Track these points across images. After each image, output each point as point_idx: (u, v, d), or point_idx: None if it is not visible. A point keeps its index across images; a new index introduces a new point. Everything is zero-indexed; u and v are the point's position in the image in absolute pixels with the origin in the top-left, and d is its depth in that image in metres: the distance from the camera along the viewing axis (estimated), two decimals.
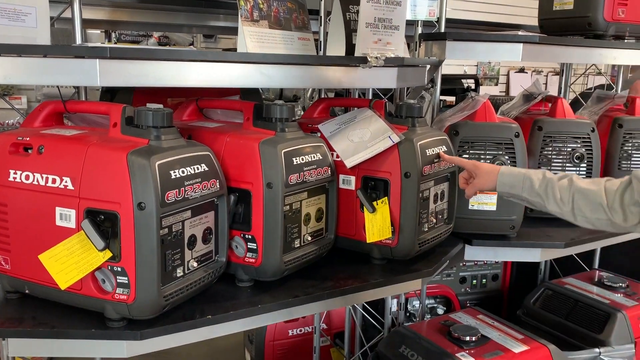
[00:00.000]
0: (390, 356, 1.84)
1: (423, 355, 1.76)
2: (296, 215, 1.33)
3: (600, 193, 1.25)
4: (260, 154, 1.25)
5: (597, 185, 1.27)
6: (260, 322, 1.26)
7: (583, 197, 1.27)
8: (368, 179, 1.49)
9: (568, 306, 2.22)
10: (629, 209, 1.21)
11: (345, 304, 1.41)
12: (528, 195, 1.34)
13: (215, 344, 3.08)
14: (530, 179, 1.34)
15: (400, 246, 1.48)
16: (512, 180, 1.36)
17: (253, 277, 1.33)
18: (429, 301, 2.67)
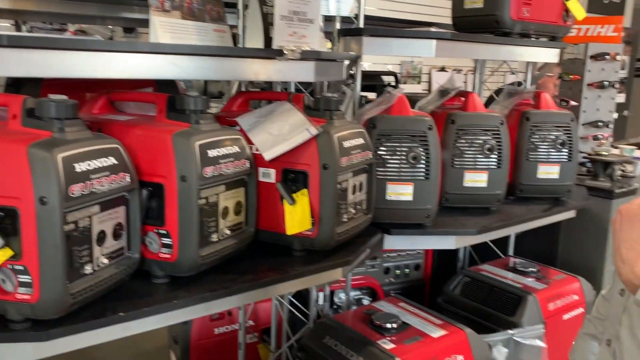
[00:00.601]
0: (315, 347, 1.86)
1: (346, 344, 1.79)
2: (213, 209, 1.31)
3: None
4: (174, 147, 1.23)
5: None
6: (177, 317, 1.24)
7: None
8: (288, 172, 1.49)
9: (484, 291, 2.33)
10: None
11: (266, 296, 1.41)
12: None
13: (141, 346, 3.00)
14: None
15: (320, 237, 1.49)
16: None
17: (169, 273, 1.30)
18: (355, 293, 2.72)
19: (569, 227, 2.63)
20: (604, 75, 2.85)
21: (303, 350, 1.90)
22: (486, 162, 1.97)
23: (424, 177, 1.77)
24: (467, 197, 2.01)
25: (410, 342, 1.78)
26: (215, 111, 1.67)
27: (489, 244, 2.76)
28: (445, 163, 1.97)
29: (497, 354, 2.08)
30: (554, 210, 2.17)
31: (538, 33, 2.18)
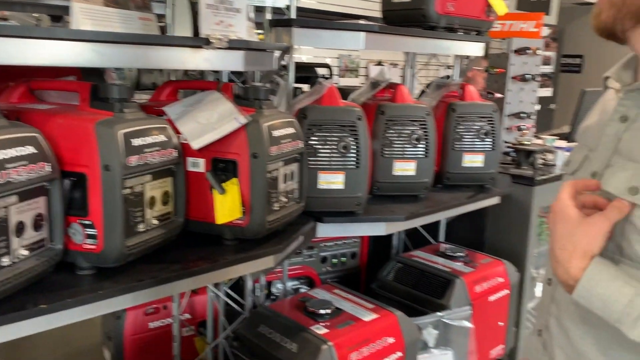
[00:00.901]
0: (250, 336, 1.88)
1: (280, 331, 1.82)
2: (139, 198, 1.30)
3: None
4: (97, 135, 1.21)
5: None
6: (103, 308, 1.23)
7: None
8: (217, 161, 1.50)
9: (415, 276, 2.42)
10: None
11: (195, 285, 1.42)
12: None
13: (74, 345, 2.92)
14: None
15: (251, 226, 1.51)
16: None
17: (94, 264, 1.28)
18: (293, 282, 2.76)
19: (495, 214, 2.77)
20: (526, 68, 3.00)
21: (238, 340, 1.91)
22: (414, 151, 2.05)
23: (354, 166, 1.82)
24: (396, 186, 2.08)
25: (342, 326, 1.83)
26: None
27: (421, 231, 2.86)
28: (376, 153, 2.02)
29: (427, 336, 2.17)
30: (479, 197, 2.28)
31: (463, 27, 2.28)
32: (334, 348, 1.70)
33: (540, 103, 3.34)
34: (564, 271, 0.87)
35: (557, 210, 0.89)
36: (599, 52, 7.23)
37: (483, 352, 2.40)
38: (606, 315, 0.83)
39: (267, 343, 1.80)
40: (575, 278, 0.85)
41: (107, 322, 2.37)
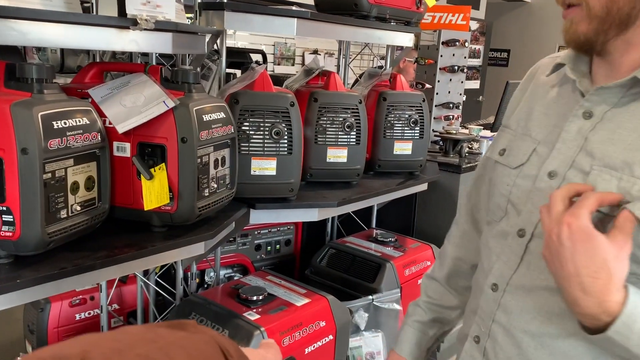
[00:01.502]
0: None
1: (212, 318, 1.81)
2: (60, 184, 1.25)
3: None
4: (12, 117, 1.14)
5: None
6: (23, 298, 1.17)
7: None
8: (144, 145, 1.46)
9: (348, 261, 2.47)
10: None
11: (122, 273, 1.38)
12: None
13: None
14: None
15: (180, 212, 1.48)
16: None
17: (12, 252, 1.22)
18: (227, 271, 2.74)
19: (423, 200, 2.87)
20: (454, 60, 3.11)
21: None
22: (346, 138, 2.08)
23: (287, 152, 1.82)
24: (329, 172, 2.11)
25: (275, 312, 1.85)
26: None
27: (354, 218, 2.92)
28: (309, 139, 2.04)
29: (359, 319, 2.23)
30: (408, 183, 2.35)
31: (394, 17, 2.33)
32: (265, 333, 1.71)
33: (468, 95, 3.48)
34: (596, 303, 0.73)
35: (577, 229, 0.73)
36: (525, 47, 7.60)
37: None
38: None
39: None
40: (613, 314, 0.72)
41: (28, 314, 2.26)
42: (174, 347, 0.47)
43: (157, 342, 0.46)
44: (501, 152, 0.99)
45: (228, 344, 0.51)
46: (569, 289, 0.75)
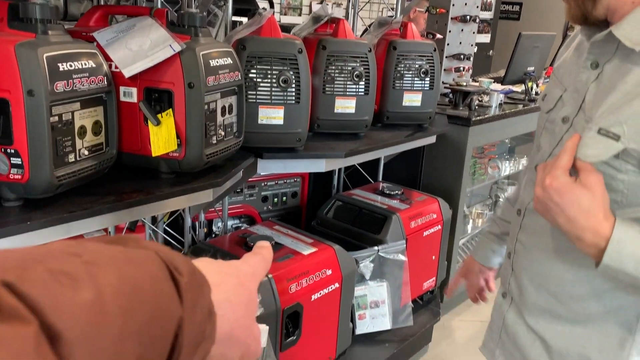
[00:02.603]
0: None
1: None
2: (68, 127, 1.24)
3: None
4: (17, 58, 1.13)
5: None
6: (33, 241, 1.18)
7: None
8: (151, 91, 1.44)
9: (354, 213, 2.48)
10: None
11: (130, 218, 1.39)
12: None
13: None
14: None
15: (187, 159, 1.48)
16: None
17: (22, 195, 1.23)
18: (234, 221, 2.76)
19: (431, 153, 2.85)
20: (466, 9, 3.03)
21: None
22: (355, 88, 2.05)
23: (294, 101, 1.80)
24: (337, 123, 2.09)
25: (282, 260, 1.87)
26: None
27: (361, 171, 2.91)
28: (317, 89, 2.01)
29: (364, 269, 2.25)
30: (416, 135, 2.33)
31: None
32: (273, 280, 1.74)
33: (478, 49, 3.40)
34: (592, 234, 0.84)
35: (559, 185, 0.86)
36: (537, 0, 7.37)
37: (416, 283, 2.53)
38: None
39: None
40: (606, 237, 0.83)
41: None
42: (103, 263, 0.38)
43: (82, 257, 0.38)
44: (542, 98, 1.11)
45: (179, 261, 0.43)
46: (569, 231, 0.87)
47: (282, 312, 1.74)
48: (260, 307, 1.74)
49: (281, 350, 1.80)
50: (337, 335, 2.04)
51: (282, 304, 1.74)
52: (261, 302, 1.78)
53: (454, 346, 2.75)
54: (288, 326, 1.82)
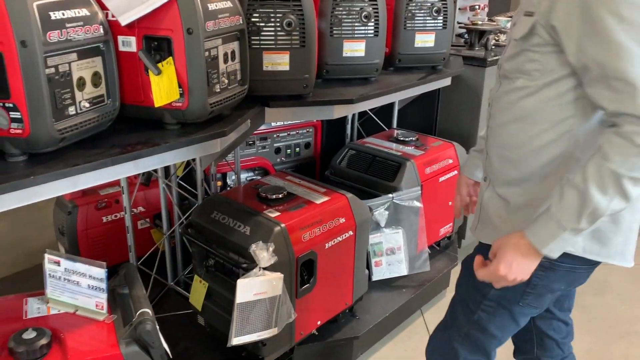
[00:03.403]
0: (202, 222, 1.89)
1: (233, 216, 1.83)
2: (66, 79, 1.22)
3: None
4: (8, 8, 1.09)
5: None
6: (38, 195, 1.18)
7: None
8: (150, 39, 1.40)
9: (367, 162, 2.44)
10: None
11: (137, 170, 1.38)
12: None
13: (29, 245, 2.90)
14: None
15: (191, 108, 1.45)
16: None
17: (24, 150, 1.22)
18: (248, 174, 2.76)
19: (447, 97, 2.77)
20: None
21: (191, 227, 1.92)
22: (364, 30, 1.97)
23: (299, 44, 1.74)
24: (346, 68, 2.02)
25: (294, 209, 1.85)
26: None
27: (375, 119, 2.86)
28: (324, 32, 1.94)
29: (379, 216, 2.23)
30: (430, 78, 2.25)
31: None
32: (286, 229, 1.73)
33: None
34: (527, 252, 1.13)
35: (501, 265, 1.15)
36: None
37: (433, 229, 2.51)
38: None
39: (220, 228, 1.82)
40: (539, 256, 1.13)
41: (58, 218, 2.33)
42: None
43: None
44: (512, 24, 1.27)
45: None
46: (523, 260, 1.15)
47: (296, 260, 1.74)
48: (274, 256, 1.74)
49: (297, 297, 1.81)
50: (353, 282, 2.05)
51: (296, 252, 1.74)
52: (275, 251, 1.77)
53: None
54: (303, 274, 1.83)
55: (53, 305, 1.42)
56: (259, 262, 1.61)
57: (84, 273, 1.39)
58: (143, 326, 1.32)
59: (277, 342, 1.81)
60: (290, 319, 1.73)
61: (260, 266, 1.62)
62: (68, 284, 1.40)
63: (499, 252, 1.16)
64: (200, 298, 1.91)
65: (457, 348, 1.40)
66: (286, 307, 1.70)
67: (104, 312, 1.41)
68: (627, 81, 0.99)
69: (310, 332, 1.98)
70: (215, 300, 1.88)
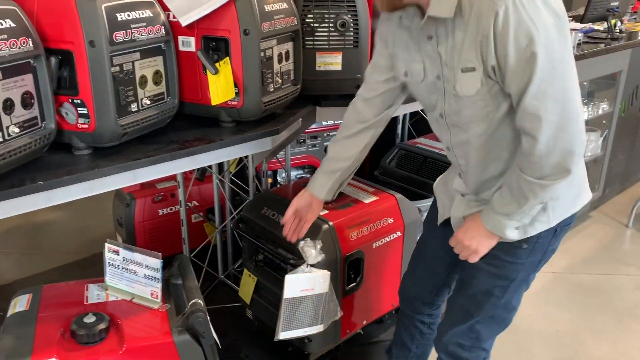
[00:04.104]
0: (253, 218, 1.93)
1: (283, 213, 1.86)
2: (129, 77, 1.28)
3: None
4: (78, 9, 1.16)
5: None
6: (101, 187, 1.25)
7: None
8: (208, 39, 1.45)
9: (418, 162, 2.43)
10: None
11: (194, 165, 1.43)
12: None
13: (89, 234, 3.05)
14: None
15: (246, 107, 1.49)
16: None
17: (89, 144, 1.29)
18: (298, 172, 2.80)
19: None
20: None
21: (242, 222, 1.97)
22: None
23: (352, 45, 1.75)
24: None
25: (343, 207, 1.87)
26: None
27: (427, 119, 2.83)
28: None
29: None
30: None
31: None
32: (334, 227, 1.75)
33: None
34: (488, 235, 1.29)
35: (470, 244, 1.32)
36: None
37: None
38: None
39: (269, 223, 1.85)
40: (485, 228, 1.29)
41: (117, 209, 2.44)
42: None
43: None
44: (404, 74, 1.33)
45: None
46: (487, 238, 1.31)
47: (343, 259, 1.76)
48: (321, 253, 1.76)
49: (344, 295, 1.83)
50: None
51: (344, 251, 1.76)
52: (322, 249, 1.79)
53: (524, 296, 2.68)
54: (350, 273, 1.84)
55: (111, 292, 1.49)
56: (306, 258, 1.63)
57: (140, 263, 1.45)
58: (195, 316, 1.37)
59: (322, 339, 1.84)
60: (336, 317, 1.75)
61: (308, 263, 1.64)
62: (126, 272, 1.47)
63: (465, 223, 1.34)
64: (249, 291, 1.96)
65: (479, 330, 1.46)
66: (332, 305, 1.72)
67: (159, 300, 1.47)
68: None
69: (355, 331, 1.99)
70: (264, 295, 1.92)
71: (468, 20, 1.10)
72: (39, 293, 1.47)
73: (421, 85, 1.30)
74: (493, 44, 1.07)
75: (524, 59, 1.06)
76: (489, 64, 1.10)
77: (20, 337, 1.29)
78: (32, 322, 1.34)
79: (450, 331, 1.51)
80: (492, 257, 1.34)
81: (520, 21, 1.04)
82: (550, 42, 1.05)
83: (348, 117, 1.51)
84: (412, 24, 1.22)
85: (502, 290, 1.39)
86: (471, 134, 1.24)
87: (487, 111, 1.18)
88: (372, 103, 1.46)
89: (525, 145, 1.13)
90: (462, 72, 1.14)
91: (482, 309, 1.42)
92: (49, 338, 1.30)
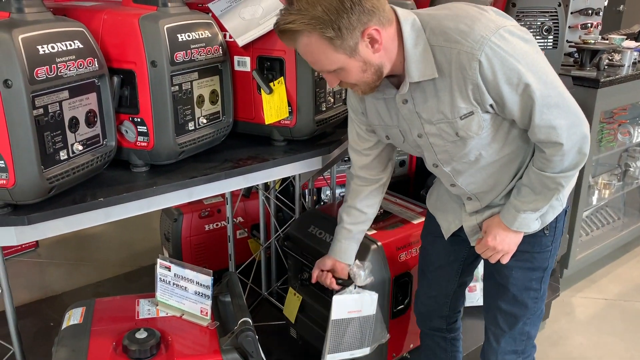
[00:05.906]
0: (300, 236, 1.92)
1: (330, 231, 1.84)
2: (187, 96, 1.30)
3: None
4: (141, 31, 1.19)
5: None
6: (158, 204, 1.27)
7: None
8: (263, 59, 1.46)
9: None
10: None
11: (247, 183, 1.44)
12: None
13: (136, 247, 3.10)
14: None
15: (298, 126, 1.49)
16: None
17: (147, 161, 1.31)
18: (342, 190, 2.78)
19: None
20: None
21: (289, 240, 1.96)
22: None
23: None
24: None
25: (391, 228, 1.84)
26: None
27: None
28: None
29: None
30: None
31: None
32: (382, 248, 1.72)
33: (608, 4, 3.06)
34: (514, 235, 1.34)
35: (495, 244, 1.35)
36: None
37: None
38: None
39: (316, 242, 1.84)
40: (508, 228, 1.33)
41: (164, 224, 2.48)
42: None
43: None
44: (386, 137, 1.37)
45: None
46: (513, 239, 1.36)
47: (391, 280, 1.73)
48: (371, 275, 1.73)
49: (391, 317, 1.79)
50: None
51: (392, 272, 1.73)
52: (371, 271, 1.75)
53: (575, 323, 2.58)
54: (397, 295, 1.80)
55: (162, 308, 1.50)
56: (355, 279, 1.61)
57: (191, 279, 1.46)
58: (244, 335, 1.36)
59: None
60: (383, 340, 1.72)
61: (356, 284, 1.62)
62: (176, 288, 1.48)
63: (488, 229, 1.36)
64: (294, 310, 1.94)
65: (529, 331, 1.50)
66: (380, 327, 1.69)
67: (208, 318, 1.47)
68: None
69: (402, 354, 1.95)
70: (309, 314, 1.91)
71: (450, 74, 1.13)
72: (92, 306, 1.49)
73: (405, 145, 1.34)
74: (485, 90, 1.11)
75: (520, 92, 1.10)
76: (486, 104, 1.15)
77: (74, 350, 1.31)
78: (85, 335, 1.36)
79: (501, 345, 1.52)
80: (521, 252, 1.38)
81: (503, 61, 1.08)
82: (533, 64, 1.10)
83: (354, 186, 1.51)
84: (384, 94, 1.24)
85: (538, 281, 1.45)
86: (482, 162, 1.28)
87: (492, 134, 1.22)
88: (370, 167, 1.46)
89: (550, 152, 1.18)
90: (461, 119, 1.18)
91: (526, 306, 1.46)
92: (102, 352, 1.31)
